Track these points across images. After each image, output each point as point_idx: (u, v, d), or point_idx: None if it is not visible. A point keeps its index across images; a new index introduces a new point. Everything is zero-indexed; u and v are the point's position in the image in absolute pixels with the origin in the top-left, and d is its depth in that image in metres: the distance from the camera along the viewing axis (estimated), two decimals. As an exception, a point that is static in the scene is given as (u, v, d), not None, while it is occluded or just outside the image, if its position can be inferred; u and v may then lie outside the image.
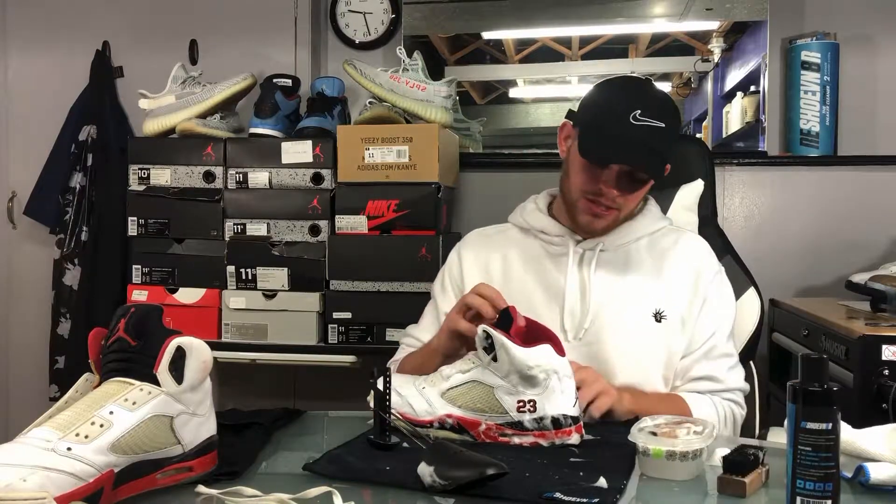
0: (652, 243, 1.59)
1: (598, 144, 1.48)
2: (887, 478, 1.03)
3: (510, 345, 1.18)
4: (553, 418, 1.20)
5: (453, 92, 2.47)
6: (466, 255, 1.66)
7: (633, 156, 1.46)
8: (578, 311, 1.52)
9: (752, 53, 2.72)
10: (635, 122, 1.45)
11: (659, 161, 1.46)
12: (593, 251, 1.55)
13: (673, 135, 1.52)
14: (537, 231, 1.61)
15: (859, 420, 1.16)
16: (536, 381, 1.19)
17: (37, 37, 2.95)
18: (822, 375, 0.91)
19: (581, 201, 1.52)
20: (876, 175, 2.64)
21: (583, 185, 1.51)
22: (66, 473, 0.88)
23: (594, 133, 1.49)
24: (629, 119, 1.44)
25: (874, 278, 2.17)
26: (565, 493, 0.97)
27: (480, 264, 1.63)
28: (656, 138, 1.45)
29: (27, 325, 2.95)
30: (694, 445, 1.08)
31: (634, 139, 1.45)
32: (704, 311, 1.54)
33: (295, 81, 2.53)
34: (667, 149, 1.47)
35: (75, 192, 2.80)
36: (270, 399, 2.59)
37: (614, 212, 1.52)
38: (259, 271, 2.41)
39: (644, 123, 1.45)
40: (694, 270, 1.56)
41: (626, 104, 1.46)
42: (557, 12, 2.83)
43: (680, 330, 1.52)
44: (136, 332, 0.99)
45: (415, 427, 1.21)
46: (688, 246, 1.60)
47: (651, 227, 1.59)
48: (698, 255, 1.59)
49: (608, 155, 1.47)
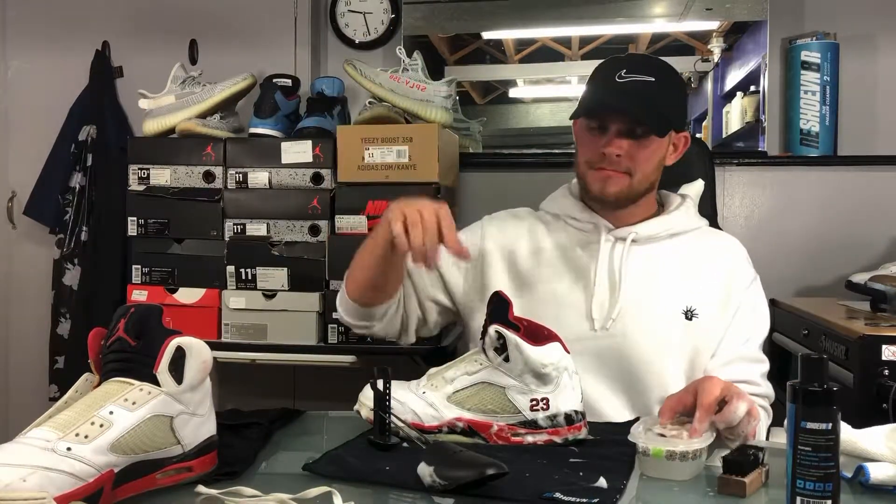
0: (687, 241, 1.56)
1: (587, 104, 1.52)
2: (887, 478, 1.03)
3: (524, 344, 1.18)
4: (566, 415, 1.20)
5: (453, 92, 2.47)
6: (490, 229, 1.63)
7: (620, 105, 1.47)
8: (607, 302, 1.50)
9: (752, 53, 2.72)
10: (620, 80, 1.47)
11: (649, 111, 1.46)
12: (625, 241, 1.52)
13: (667, 89, 1.51)
14: (568, 217, 1.58)
15: (859, 420, 1.16)
16: (549, 379, 1.19)
17: (37, 37, 2.95)
18: (822, 375, 0.91)
19: (590, 173, 1.51)
20: (876, 175, 2.64)
21: (587, 155, 1.51)
22: (65, 473, 0.88)
23: (585, 98, 1.54)
24: (615, 78, 1.48)
25: (874, 278, 2.17)
26: (565, 493, 0.97)
27: (507, 239, 1.60)
28: (645, 90, 1.46)
29: (27, 325, 2.95)
30: (694, 445, 1.08)
31: (620, 93, 1.47)
32: (738, 316, 1.51)
33: (295, 81, 2.53)
34: (660, 100, 1.48)
35: (75, 192, 2.80)
36: (270, 399, 2.57)
37: (623, 175, 1.49)
38: (259, 271, 2.41)
39: (630, 79, 1.47)
40: (729, 273, 1.53)
41: (611, 68, 1.50)
42: (557, 12, 2.83)
43: (709, 330, 1.49)
44: (136, 332, 0.99)
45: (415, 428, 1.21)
46: (725, 248, 1.58)
47: (686, 225, 1.57)
48: (735, 259, 1.57)
49: (594, 105, 1.50)
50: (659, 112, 1.48)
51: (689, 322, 1.49)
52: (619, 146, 1.47)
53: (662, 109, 1.48)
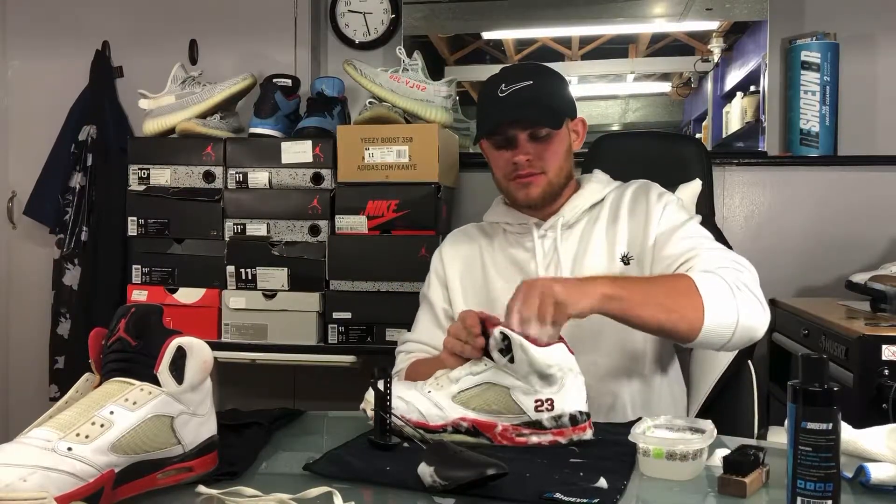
0: (608, 203, 1.63)
1: (482, 124, 1.61)
2: (887, 478, 1.03)
3: (529, 346, 1.18)
4: (570, 415, 1.20)
5: (453, 92, 2.47)
6: (447, 251, 1.72)
7: (508, 113, 1.55)
8: None
9: (752, 53, 2.72)
10: (503, 94, 1.55)
11: (540, 111, 1.54)
12: (556, 228, 1.60)
13: (546, 86, 1.59)
14: (505, 224, 1.67)
15: (859, 420, 1.16)
16: (554, 380, 1.20)
17: (37, 37, 2.95)
18: (822, 375, 0.91)
19: (510, 184, 1.60)
20: (876, 175, 2.64)
21: (502, 169, 1.60)
22: (66, 473, 0.88)
23: (479, 120, 1.63)
24: (497, 94, 1.56)
25: (874, 278, 2.17)
26: (565, 494, 0.97)
27: (461, 256, 1.70)
28: (528, 94, 1.54)
29: (27, 325, 2.95)
30: (694, 445, 1.08)
31: (506, 104, 1.54)
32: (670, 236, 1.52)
33: (295, 81, 2.53)
34: (545, 98, 1.56)
35: (75, 192, 2.80)
36: (270, 399, 2.58)
37: (540, 176, 1.57)
38: (259, 271, 2.41)
39: (510, 89, 1.55)
40: (646, 212, 1.57)
41: (493, 86, 1.58)
42: (557, 12, 2.83)
43: (650, 264, 1.53)
44: (136, 332, 0.99)
45: (417, 429, 1.21)
46: (637, 192, 1.63)
47: (600, 193, 1.64)
48: (644, 192, 1.61)
49: (490, 124, 1.57)
50: (547, 107, 1.56)
51: (627, 266, 1.54)
52: (527, 151, 1.56)
53: (550, 104, 1.57)
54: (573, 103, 1.65)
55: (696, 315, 1.34)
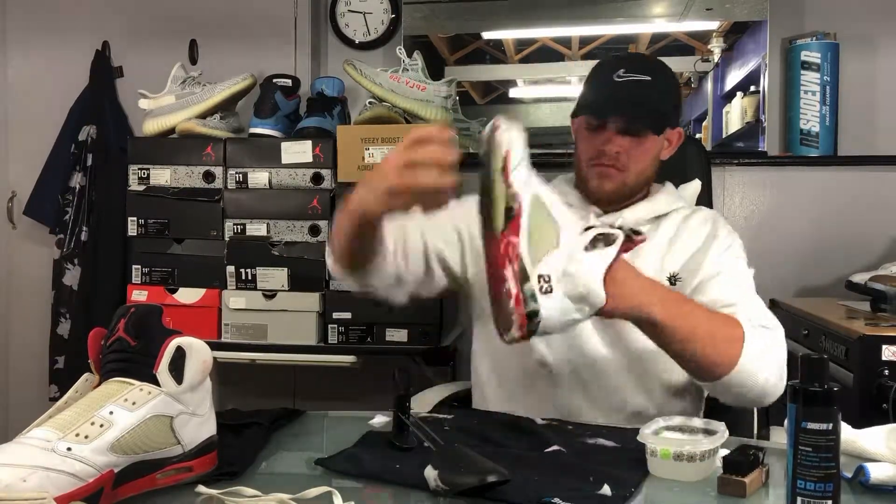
0: (670, 219, 1.59)
1: (587, 102, 1.56)
2: (887, 478, 1.03)
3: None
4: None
5: (453, 92, 2.47)
6: None
7: (619, 105, 1.51)
8: None
9: (752, 53, 2.72)
10: (618, 79, 1.50)
11: (647, 110, 1.50)
12: None
13: (663, 87, 1.55)
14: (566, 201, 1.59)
15: (859, 420, 1.16)
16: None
17: (37, 37, 2.95)
18: (822, 375, 0.91)
19: (589, 169, 1.55)
20: (876, 175, 2.64)
21: (586, 153, 1.55)
22: (65, 473, 0.88)
23: (584, 96, 1.58)
24: (613, 78, 1.51)
25: (874, 278, 2.17)
26: (564, 499, 0.96)
27: None
28: (642, 89, 1.50)
29: (27, 325, 2.95)
30: (702, 447, 1.07)
31: (618, 92, 1.51)
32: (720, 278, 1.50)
33: (295, 81, 2.53)
34: (657, 99, 1.52)
35: (75, 192, 2.80)
36: (270, 399, 2.57)
37: (619, 172, 1.52)
38: (259, 271, 2.41)
39: (628, 79, 1.50)
40: (707, 237, 1.55)
41: (610, 67, 1.54)
42: (557, 12, 2.83)
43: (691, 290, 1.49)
44: (135, 332, 0.99)
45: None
46: (704, 220, 1.60)
47: (666, 207, 1.60)
48: (714, 222, 1.58)
49: (596, 109, 1.53)
50: (656, 110, 1.52)
51: (673, 287, 1.51)
52: (619, 144, 1.50)
53: (659, 108, 1.53)
54: (680, 112, 1.62)
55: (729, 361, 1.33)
